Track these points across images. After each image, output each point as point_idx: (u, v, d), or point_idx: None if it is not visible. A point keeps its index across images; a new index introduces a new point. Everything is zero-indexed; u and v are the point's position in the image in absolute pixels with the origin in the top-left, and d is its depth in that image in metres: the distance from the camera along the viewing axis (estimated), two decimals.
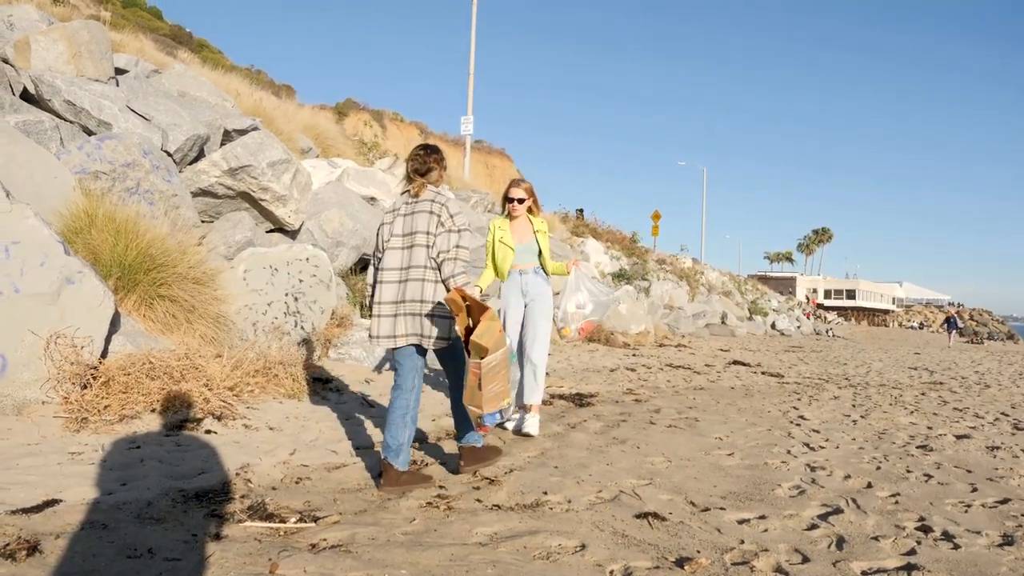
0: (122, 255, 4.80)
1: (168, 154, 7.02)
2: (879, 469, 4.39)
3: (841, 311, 65.22)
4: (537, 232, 4.87)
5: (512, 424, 4.88)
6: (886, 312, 74.99)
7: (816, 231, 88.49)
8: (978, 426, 6.32)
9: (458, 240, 3.38)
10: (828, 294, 70.83)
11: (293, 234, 8.02)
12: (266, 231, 7.74)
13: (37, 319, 3.88)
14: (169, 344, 4.71)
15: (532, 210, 4.96)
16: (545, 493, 3.43)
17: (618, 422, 5.52)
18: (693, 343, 16.26)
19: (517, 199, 4.85)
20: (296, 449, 3.86)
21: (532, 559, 2.62)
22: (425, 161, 3.48)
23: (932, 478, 4.21)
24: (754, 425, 5.77)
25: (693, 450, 4.67)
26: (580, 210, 28.23)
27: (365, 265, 9.24)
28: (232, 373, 4.61)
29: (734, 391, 8.18)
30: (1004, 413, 7.28)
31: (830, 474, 4.18)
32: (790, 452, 4.77)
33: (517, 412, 4.93)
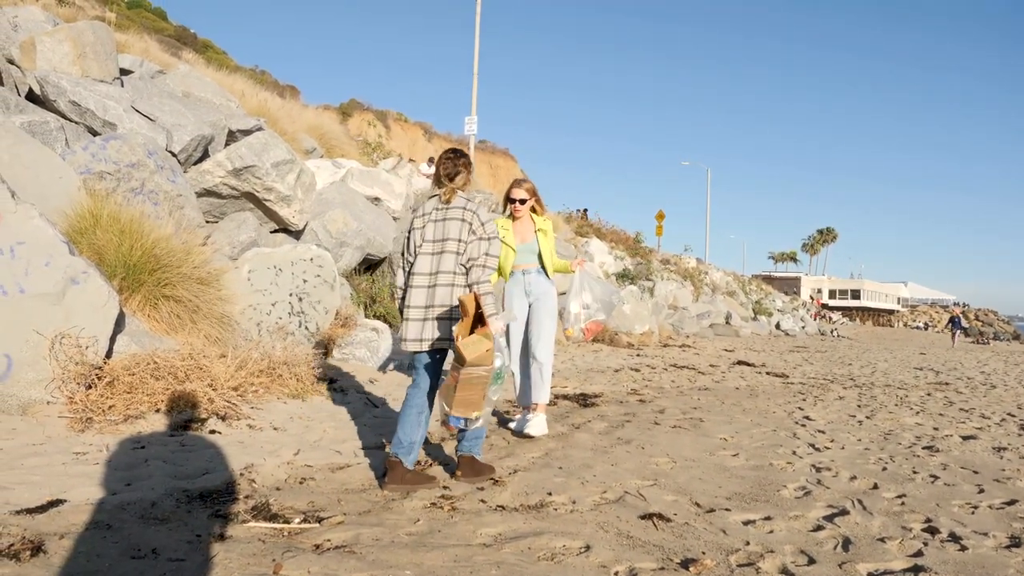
0: (127, 255, 4.81)
1: (173, 154, 7.03)
2: (885, 470, 4.37)
3: (846, 311, 65.05)
4: (538, 232, 4.85)
5: (515, 424, 4.88)
6: (891, 312, 74.76)
7: (821, 231, 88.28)
8: (984, 427, 6.29)
9: (488, 248, 3.49)
10: (833, 294, 70.65)
11: (297, 234, 8.03)
12: (270, 231, 7.75)
13: (42, 319, 3.89)
14: (173, 344, 4.72)
15: (535, 210, 4.94)
16: (549, 494, 3.42)
17: (622, 422, 5.51)
18: (697, 343, 16.23)
19: (519, 200, 4.82)
20: (300, 449, 3.86)
21: (536, 560, 2.61)
22: (455, 165, 3.56)
23: (938, 479, 4.19)
24: (759, 426, 5.75)
25: (698, 451, 4.65)
26: (584, 210, 28.27)
27: (369, 265, 9.25)
28: (236, 373, 4.61)
29: (739, 391, 8.16)
30: (1010, 414, 7.24)
31: (836, 475, 4.16)
32: (795, 453, 4.75)
33: (521, 413, 4.92)
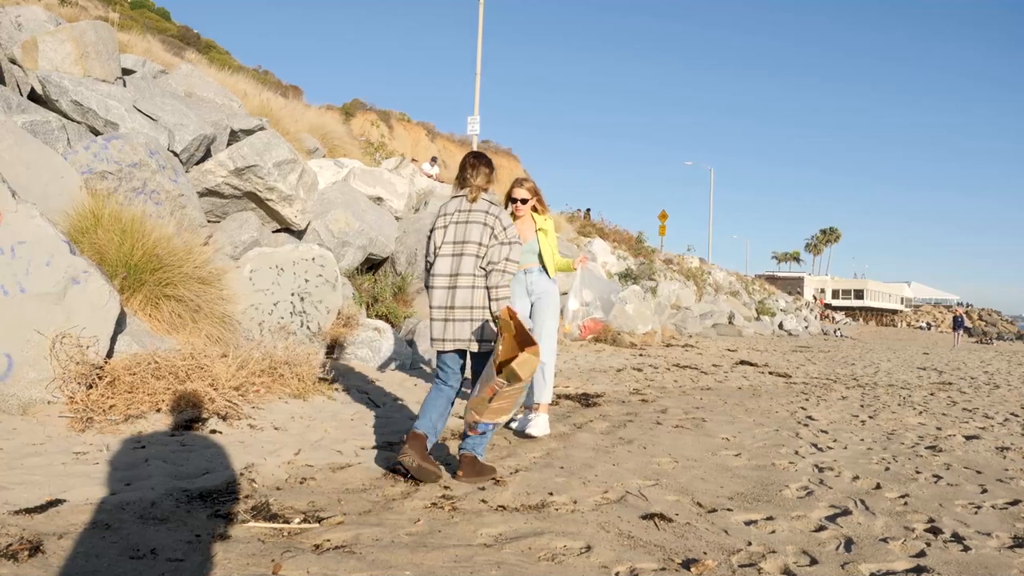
0: (128, 255, 4.81)
1: (175, 154, 7.04)
2: (888, 470, 4.35)
3: (849, 311, 65.00)
4: (539, 231, 4.84)
5: (516, 424, 4.86)
6: (894, 312, 74.65)
7: (824, 231, 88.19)
8: (988, 427, 6.26)
9: (508, 252, 3.56)
10: (836, 294, 70.58)
11: (299, 234, 8.03)
12: (272, 231, 7.75)
13: (43, 319, 3.89)
14: (175, 344, 4.72)
15: (537, 209, 4.92)
16: (551, 494, 3.41)
17: (624, 422, 5.50)
18: (700, 343, 16.20)
19: (520, 199, 4.80)
20: (301, 449, 3.85)
21: (537, 560, 2.60)
22: (478, 168, 3.67)
23: (941, 479, 4.17)
24: (761, 425, 5.74)
25: (700, 450, 4.64)
26: (587, 210, 28.23)
27: (371, 265, 9.25)
28: (238, 373, 4.60)
29: (741, 391, 8.14)
30: (1014, 414, 7.21)
31: (838, 475, 4.15)
32: (798, 453, 4.73)
33: (523, 412, 4.91)
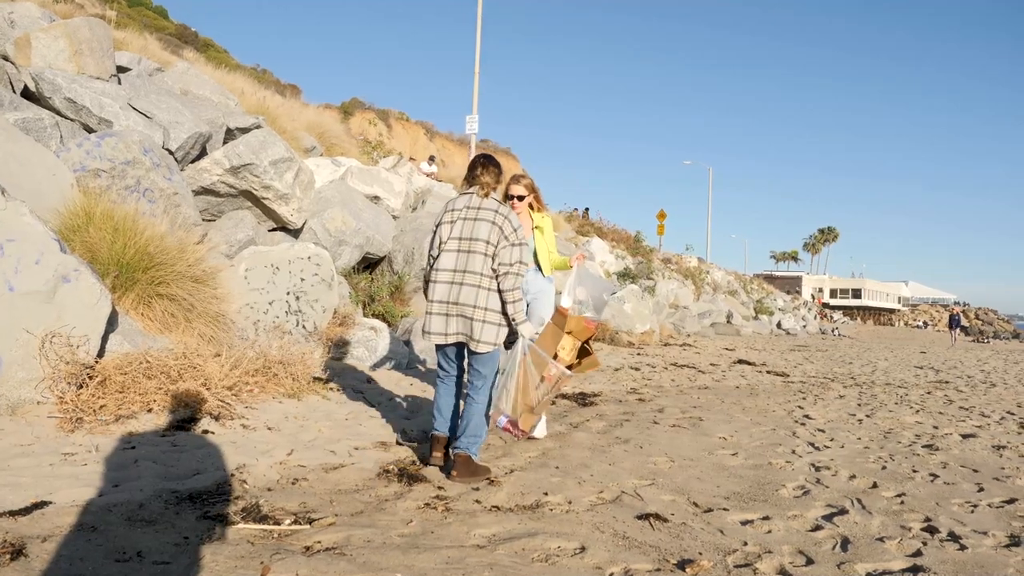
0: (120, 253, 4.76)
1: (170, 152, 6.99)
2: (884, 469, 4.33)
3: (847, 310, 65.03)
4: (536, 229, 4.77)
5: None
6: (892, 311, 74.68)
7: (822, 230, 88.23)
8: (984, 425, 6.25)
9: (520, 255, 3.59)
10: (834, 293, 70.60)
11: (295, 233, 7.98)
12: (268, 230, 7.71)
13: (32, 318, 3.85)
14: (167, 343, 4.68)
15: (534, 206, 4.84)
16: (545, 494, 3.38)
17: (621, 422, 5.47)
18: (698, 342, 16.18)
19: (517, 196, 4.70)
20: (294, 449, 3.82)
21: (531, 561, 2.57)
22: (487, 167, 3.73)
23: (938, 478, 4.16)
24: (758, 424, 5.71)
25: (696, 450, 4.61)
26: (586, 209, 28.21)
27: (368, 264, 9.20)
28: (231, 372, 4.56)
29: (739, 390, 8.11)
30: (1010, 412, 7.20)
31: (835, 474, 4.12)
32: (795, 452, 4.71)
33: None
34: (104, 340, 4.25)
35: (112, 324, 4.35)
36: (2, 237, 3.83)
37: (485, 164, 3.73)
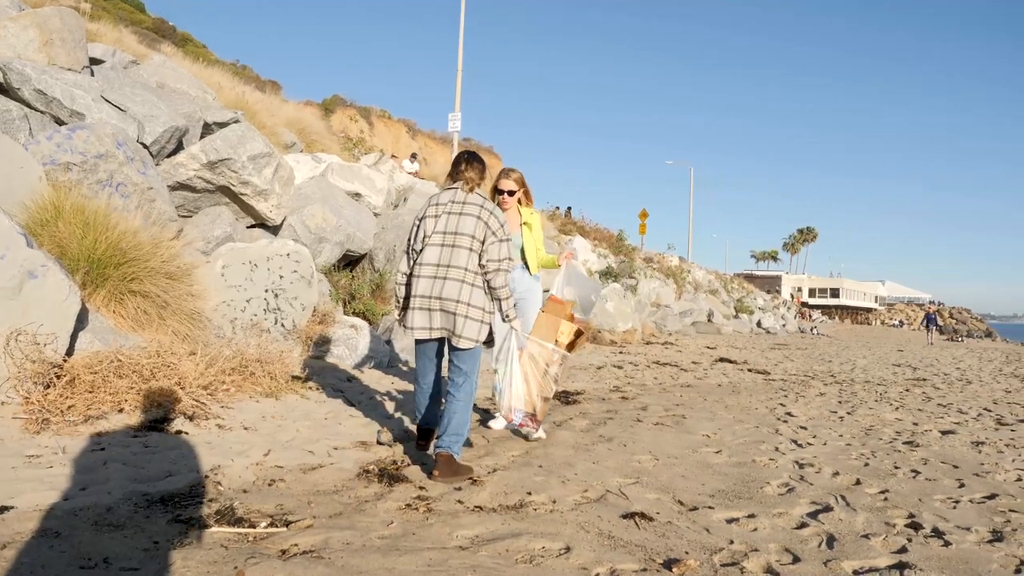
0: (91, 249, 4.62)
1: (144, 146, 6.83)
2: (867, 466, 4.33)
3: (825, 309, 65.79)
4: (524, 225, 4.69)
5: (496, 423, 4.76)
6: (869, 310, 75.76)
7: (801, 230, 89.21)
8: (962, 421, 6.31)
9: (507, 251, 3.60)
10: (812, 292, 71.41)
11: (275, 229, 7.85)
12: (247, 226, 7.57)
13: None
14: (140, 341, 4.55)
15: (522, 201, 4.75)
16: (529, 493, 3.33)
17: (604, 420, 5.43)
18: (680, 341, 16.23)
19: (507, 191, 4.61)
20: (271, 450, 3.72)
21: (514, 563, 2.51)
22: (471, 163, 3.73)
23: (920, 474, 4.17)
24: (741, 422, 5.71)
25: (680, 448, 4.58)
26: (568, 208, 28.20)
27: (349, 262, 9.08)
28: (206, 371, 4.45)
29: (721, 388, 8.12)
30: (987, 408, 7.29)
31: (818, 471, 4.12)
32: (778, 449, 4.70)
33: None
34: (73, 338, 4.12)
35: (82, 321, 4.22)
36: None
37: (469, 160, 3.74)
